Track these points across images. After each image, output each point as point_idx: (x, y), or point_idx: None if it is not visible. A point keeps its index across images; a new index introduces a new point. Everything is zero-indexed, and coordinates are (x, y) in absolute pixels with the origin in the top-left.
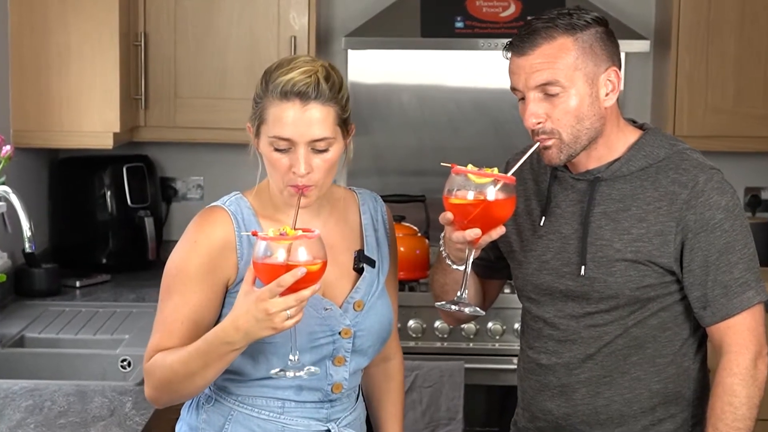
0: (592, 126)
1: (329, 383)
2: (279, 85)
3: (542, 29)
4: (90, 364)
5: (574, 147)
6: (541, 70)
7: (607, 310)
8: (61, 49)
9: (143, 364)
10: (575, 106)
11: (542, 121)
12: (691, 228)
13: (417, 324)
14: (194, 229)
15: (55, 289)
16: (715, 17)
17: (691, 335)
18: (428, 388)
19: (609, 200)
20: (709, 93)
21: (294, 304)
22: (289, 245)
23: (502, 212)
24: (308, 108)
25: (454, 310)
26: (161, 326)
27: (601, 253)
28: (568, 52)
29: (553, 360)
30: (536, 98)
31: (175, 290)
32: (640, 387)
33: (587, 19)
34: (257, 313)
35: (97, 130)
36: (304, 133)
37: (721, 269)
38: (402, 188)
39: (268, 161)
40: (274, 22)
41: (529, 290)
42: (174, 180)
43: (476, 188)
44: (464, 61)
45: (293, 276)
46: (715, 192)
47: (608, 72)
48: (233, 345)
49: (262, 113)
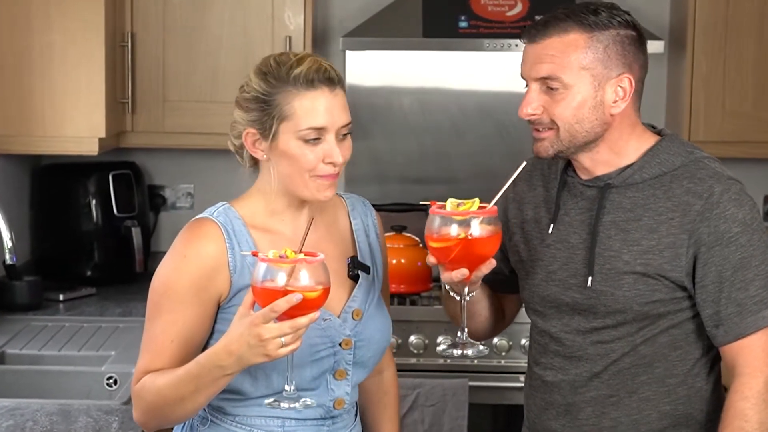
0: (592, 130)
1: (331, 399)
2: (300, 76)
3: (559, 20)
4: (74, 381)
5: (568, 146)
6: (546, 63)
7: (614, 325)
8: (44, 49)
9: (131, 386)
10: (575, 106)
11: (537, 113)
12: (705, 241)
13: (419, 340)
14: (183, 244)
15: (37, 302)
16: (734, 16)
17: (704, 355)
18: (431, 407)
19: (619, 209)
20: (727, 96)
21: (289, 332)
22: (291, 268)
23: (486, 249)
24: (336, 93)
25: (457, 355)
26: (150, 346)
27: (608, 265)
28: (578, 49)
29: (559, 377)
30: (536, 89)
31: (164, 308)
32: (648, 408)
33: (613, 21)
34: (250, 338)
35: (81, 136)
36: (336, 119)
37: (736, 286)
38: (403, 196)
39: (294, 159)
40: (268, 21)
41: (536, 302)
42: (162, 188)
43: (456, 227)
44: (468, 62)
45: (288, 302)
46: (732, 204)
47: (620, 78)
48: (225, 369)
49: (281, 110)
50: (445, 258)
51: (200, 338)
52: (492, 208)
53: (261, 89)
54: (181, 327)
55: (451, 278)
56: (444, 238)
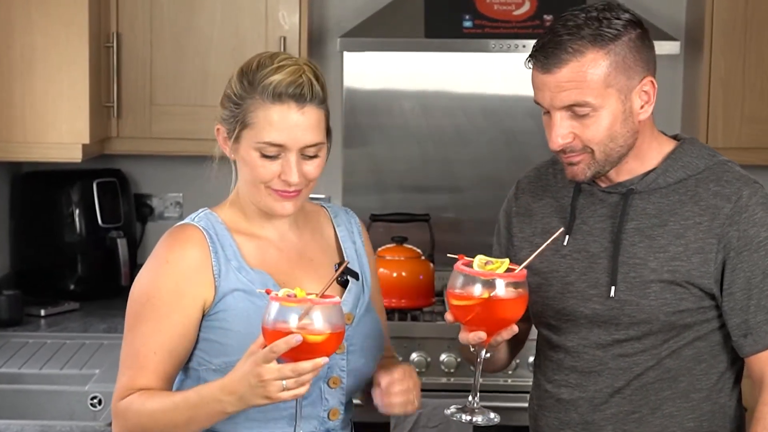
0: (626, 143)
1: (325, 409)
2: (269, 86)
3: (568, 42)
4: (56, 401)
5: (604, 165)
6: (569, 90)
7: (638, 337)
8: (25, 50)
9: (113, 402)
10: (607, 125)
11: (569, 141)
12: (734, 246)
13: (421, 357)
14: (165, 249)
15: (17, 318)
16: (754, 15)
17: (728, 369)
18: (433, 428)
19: (643, 215)
20: (747, 100)
21: (290, 375)
22: (302, 309)
23: (508, 313)
24: (304, 111)
25: (465, 421)
26: (131, 360)
27: (634, 273)
28: (599, 68)
29: (576, 394)
30: (563, 117)
31: (145, 318)
32: (672, 425)
33: (618, 26)
34: (251, 377)
35: (64, 142)
36: (299, 138)
37: (766, 293)
38: (404, 206)
39: (251, 168)
40: (262, 21)
41: (549, 316)
42: (150, 197)
43: (479, 286)
44: (473, 64)
45: (286, 343)
46: (760, 207)
47: (643, 83)
48: (225, 407)
49: (245, 116)
50: (464, 318)
51: (184, 349)
52: (521, 272)
53: (235, 89)
54: (164, 337)
55: (467, 340)
56: (465, 296)
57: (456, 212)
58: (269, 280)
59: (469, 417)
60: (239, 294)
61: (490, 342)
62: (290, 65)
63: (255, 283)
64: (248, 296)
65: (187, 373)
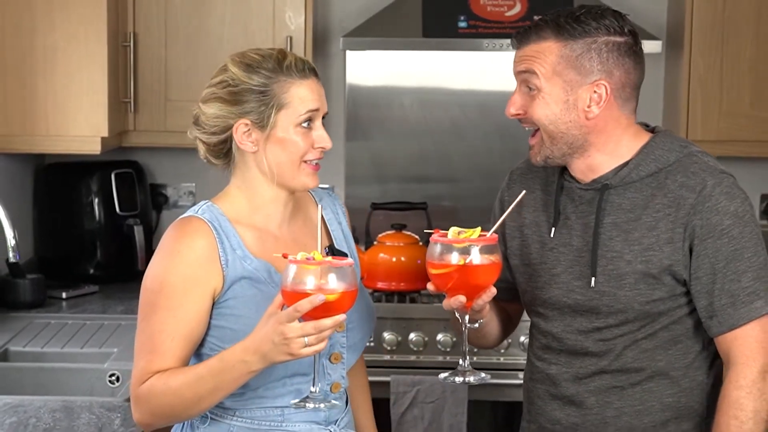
0: (568, 131)
1: (328, 383)
2: (292, 66)
3: (540, 26)
4: (77, 378)
5: (551, 149)
6: (525, 62)
7: (616, 324)
8: (47, 50)
9: (132, 388)
10: (549, 108)
11: (519, 113)
12: (698, 234)
13: (418, 337)
14: (173, 240)
15: (40, 300)
16: (730, 17)
17: (704, 349)
18: (430, 403)
19: (619, 210)
20: (724, 96)
21: (312, 332)
22: (319, 271)
23: (484, 277)
24: (319, 82)
25: (459, 382)
26: (148, 346)
27: (611, 266)
28: (551, 56)
29: (563, 371)
30: (519, 90)
31: (160, 305)
32: (651, 399)
33: (588, 28)
34: (274, 336)
35: (84, 135)
36: (324, 103)
37: (729, 277)
38: (403, 195)
39: (291, 145)
40: (269, 21)
41: (538, 304)
42: (164, 187)
43: (455, 254)
44: (468, 62)
45: (310, 303)
46: (724, 197)
47: (596, 84)
48: (250, 366)
49: (279, 99)
50: (444, 285)
51: (198, 335)
52: (491, 236)
53: (253, 81)
54: (179, 323)
55: (449, 305)
56: (443, 265)
57: (452, 201)
58: (271, 269)
59: (462, 378)
60: (246, 282)
61: (472, 306)
62: (282, 50)
63: (259, 271)
64: (254, 283)
65: (200, 358)
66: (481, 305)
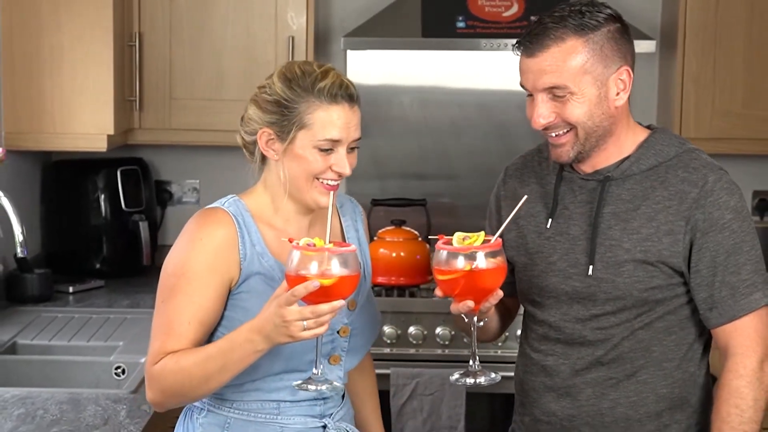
0: (602, 124)
1: None
2: (325, 89)
3: (552, 29)
4: (83, 371)
5: (585, 145)
6: (549, 73)
7: (613, 312)
8: (54, 49)
9: (147, 367)
10: (584, 107)
11: (551, 120)
12: (700, 227)
13: (418, 331)
14: (196, 228)
15: (47, 294)
16: (723, 18)
17: (696, 340)
18: (429, 396)
19: (619, 200)
20: (717, 95)
21: (310, 317)
22: (320, 256)
23: (491, 281)
24: (354, 109)
25: (470, 384)
26: (164, 328)
27: (610, 253)
28: (577, 55)
29: (560, 362)
30: (544, 99)
31: (179, 290)
32: (646, 390)
33: (599, 19)
34: (275, 317)
35: (90, 133)
36: (351, 133)
37: (729, 270)
38: (402, 192)
39: (306, 164)
40: (271, 22)
41: (534, 293)
42: (169, 183)
43: (461, 260)
44: (466, 61)
45: (305, 288)
46: (725, 192)
47: (619, 71)
48: (255, 345)
49: (302, 118)
50: (452, 291)
51: (213, 321)
52: (496, 241)
53: (285, 95)
54: (197, 308)
55: (458, 310)
56: (450, 271)
57: (451, 198)
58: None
59: (473, 380)
60: (260, 278)
61: (479, 309)
62: (331, 70)
63: (274, 269)
64: (267, 281)
65: None
66: (488, 307)
